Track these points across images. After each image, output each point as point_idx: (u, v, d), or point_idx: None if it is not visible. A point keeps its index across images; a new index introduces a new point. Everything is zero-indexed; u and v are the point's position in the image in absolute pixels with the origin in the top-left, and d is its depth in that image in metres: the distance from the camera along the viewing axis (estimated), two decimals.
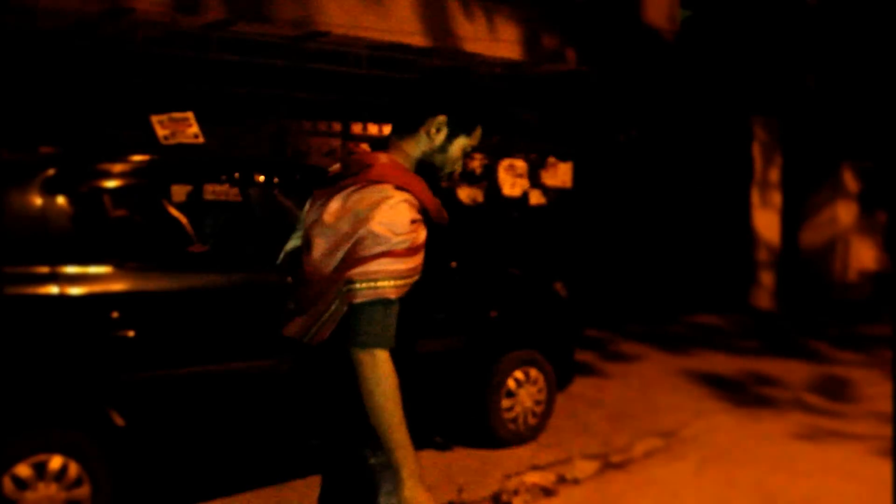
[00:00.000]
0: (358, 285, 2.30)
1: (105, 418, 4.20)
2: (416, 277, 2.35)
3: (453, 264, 5.45)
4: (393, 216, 2.30)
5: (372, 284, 2.30)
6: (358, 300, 2.30)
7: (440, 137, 2.48)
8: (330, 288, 2.36)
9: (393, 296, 2.30)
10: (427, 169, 2.49)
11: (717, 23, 13.23)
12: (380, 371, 2.28)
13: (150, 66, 8.59)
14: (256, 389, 4.68)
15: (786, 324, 11.99)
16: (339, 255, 2.35)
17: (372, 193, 2.34)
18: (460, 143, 2.51)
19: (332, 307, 2.36)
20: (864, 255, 14.27)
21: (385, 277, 2.30)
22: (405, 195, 2.34)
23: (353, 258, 2.32)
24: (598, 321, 10.61)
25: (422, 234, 2.35)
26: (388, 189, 2.34)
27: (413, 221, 2.32)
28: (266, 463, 5.02)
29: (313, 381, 2.51)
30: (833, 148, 13.93)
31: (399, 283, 2.31)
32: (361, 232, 2.31)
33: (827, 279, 14.04)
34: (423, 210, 2.39)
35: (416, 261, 2.33)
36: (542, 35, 10.92)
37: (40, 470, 4.01)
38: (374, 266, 2.29)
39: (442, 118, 2.47)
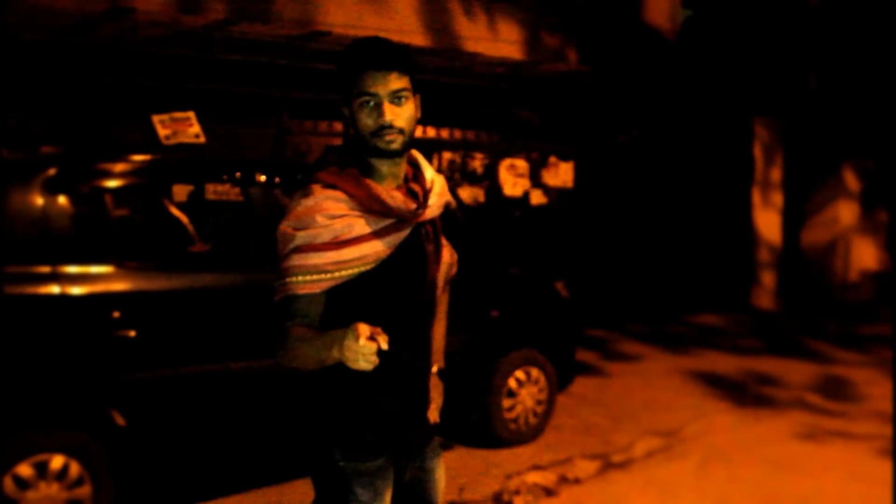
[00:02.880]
0: (275, 287, 2.34)
1: (106, 418, 4.21)
2: (351, 269, 2.30)
3: None
4: (298, 213, 2.30)
5: (281, 282, 2.32)
6: (274, 301, 2.33)
7: (351, 120, 2.38)
8: None
9: (300, 291, 2.28)
10: (367, 148, 2.37)
11: (718, 22, 13.23)
12: (286, 347, 2.27)
13: (152, 65, 8.59)
14: (257, 389, 4.68)
15: (787, 324, 11.98)
16: None
17: (294, 197, 2.37)
18: (357, 108, 2.33)
19: None
20: (866, 255, 14.26)
21: (293, 273, 2.29)
22: (327, 192, 2.32)
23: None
24: (599, 321, 10.62)
25: (355, 227, 2.29)
26: (309, 189, 2.34)
27: (334, 216, 2.28)
28: (268, 462, 5.02)
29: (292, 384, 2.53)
30: (834, 147, 13.91)
31: (311, 277, 2.28)
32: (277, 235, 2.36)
33: (828, 279, 14.03)
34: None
35: (346, 254, 2.28)
36: (543, 35, 10.93)
37: (41, 469, 4.02)
38: (284, 264, 2.31)
39: (344, 110, 2.40)
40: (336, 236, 2.28)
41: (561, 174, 11.39)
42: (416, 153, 2.53)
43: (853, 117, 13.30)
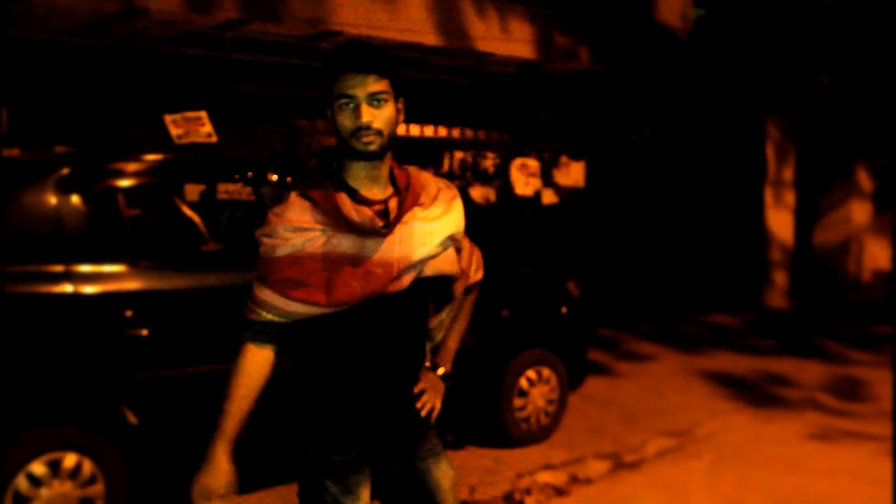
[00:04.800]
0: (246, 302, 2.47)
1: (119, 417, 4.22)
2: (302, 314, 2.39)
3: None
4: (269, 220, 2.38)
5: (247, 305, 2.46)
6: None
7: (332, 122, 2.38)
8: None
9: (258, 319, 2.44)
10: (346, 149, 2.37)
11: (730, 21, 13.19)
12: (237, 361, 2.44)
13: (164, 65, 8.62)
14: (269, 388, 4.68)
15: (799, 323, 11.95)
16: None
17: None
18: (336, 110, 2.33)
19: None
20: (879, 255, 14.21)
21: (255, 304, 2.42)
22: (298, 202, 2.36)
23: None
24: (611, 320, 10.60)
25: (315, 244, 2.34)
26: (286, 195, 2.40)
27: (297, 228, 2.33)
28: (281, 460, 5.03)
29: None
30: (847, 147, 13.87)
31: (267, 315, 2.41)
32: None
33: (841, 279, 13.98)
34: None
35: (294, 307, 2.37)
36: (555, 34, 10.91)
37: (55, 468, 4.04)
38: (253, 287, 2.44)
39: (328, 112, 2.39)
40: (295, 251, 2.32)
41: (572, 174, 11.39)
42: (428, 177, 2.54)
43: (866, 116, 13.25)
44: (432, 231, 2.44)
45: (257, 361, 2.42)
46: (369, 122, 2.29)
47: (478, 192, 10.62)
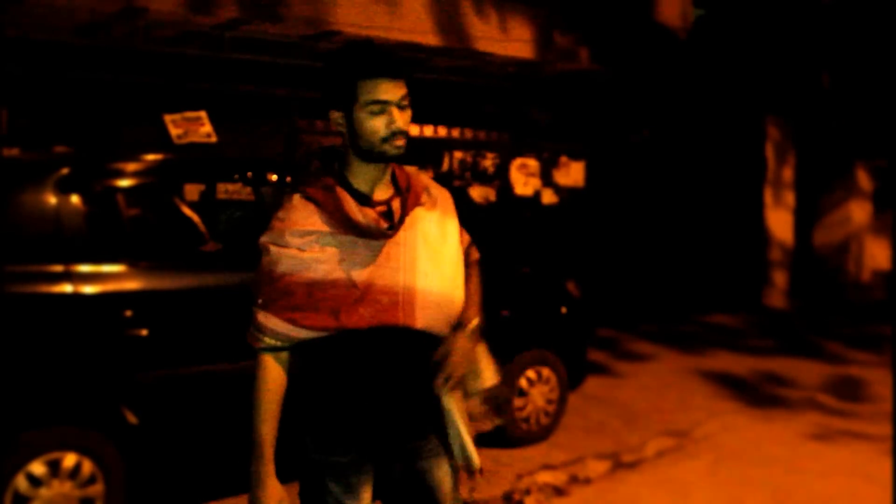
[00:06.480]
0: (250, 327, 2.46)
1: (118, 417, 4.22)
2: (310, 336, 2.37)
3: None
4: (274, 226, 2.37)
5: (250, 330, 2.46)
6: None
7: (347, 125, 2.35)
8: None
9: (262, 346, 2.43)
10: (371, 153, 2.36)
11: (730, 21, 13.19)
12: (257, 371, 2.42)
13: (164, 65, 8.62)
14: None
15: (799, 324, 11.94)
16: None
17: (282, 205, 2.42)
18: (365, 115, 2.31)
19: None
20: (878, 255, 14.20)
21: (258, 330, 2.42)
22: (302, 204, 2.35)
23: None
24: (611, 320, 10.60)
25: (320, 264, 2.32)
26: (288, 198, 2.38)
27: (303, 232, 2.32)
28: (282, 460, 5.03)
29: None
30: (847, 147, 13.87)
31: (271, 341, 2.41)
32: None
33: (840, 279, 13.98)
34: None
35: (302, 332, 2.37)
36: (554, 34, 10.91)
37: (54, 467, 4.04)
38: (255, 310, 2.43)
39: (334, 114, 2.36)
40: (299, 272, 2.30)
41: (572, 174, 11.38)
42: (428, 179, 2.55)
43: (866, 116, 13.25)
44: (437, 250, 2.49)
45: (277, 369, 2.42)
46: (401, 126, 2.32)
47: (478, 192, 10.61)
